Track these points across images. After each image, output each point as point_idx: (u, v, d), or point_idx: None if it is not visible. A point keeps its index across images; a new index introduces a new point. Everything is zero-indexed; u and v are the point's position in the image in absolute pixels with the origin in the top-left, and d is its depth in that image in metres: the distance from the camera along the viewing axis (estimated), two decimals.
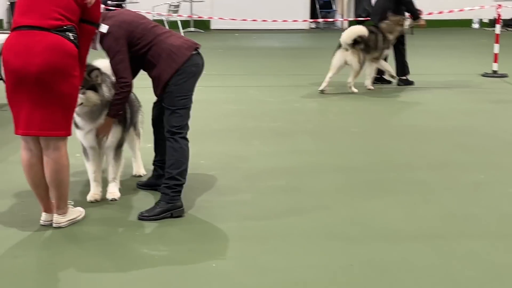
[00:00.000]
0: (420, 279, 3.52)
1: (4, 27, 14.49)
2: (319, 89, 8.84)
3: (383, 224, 4.29)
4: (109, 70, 4.53)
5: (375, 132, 6.81)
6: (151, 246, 3.91)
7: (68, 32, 3.88)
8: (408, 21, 9.29)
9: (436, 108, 8.07)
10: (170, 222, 4.26)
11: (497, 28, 10.34)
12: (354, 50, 8.71)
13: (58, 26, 3.86)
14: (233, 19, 14.13)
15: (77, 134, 4.54)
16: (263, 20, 14.66)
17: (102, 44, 4.34)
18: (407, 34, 9.44)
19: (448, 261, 3.75)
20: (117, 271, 3.62)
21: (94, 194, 4.63)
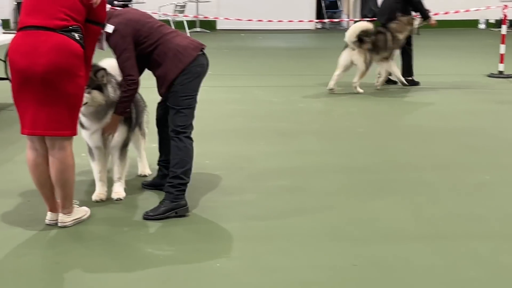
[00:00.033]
0: (424, 280, 3.52)
1: (11, 27, 14.52)
2: (328, 87, 8.84)
3: (388, 224, 4.29)
4: (115, 70, 4.55)
5: (381, 133, 6.81)
6: (156, 245, 3.92)
7: (73, 32, 3.90)
8: (417, 21, 9.28)
9: (442, 109, 8.06)
10: (174, 222, 4.27)
11: (503, 28, 10.31)
12: (360, 49, 8.70)
13: (64, 26, 3.87)
14: (238, 19, 14.14)
15: (82, 134, 4.56)
16: (269, 20, 14.66)
17: (108, 42, 4.35)
18: (414, 34, 9.41)
19: (452, 261, 3.75)
20: (121, 271, 3.63)
21: (100, 193, 4.64)
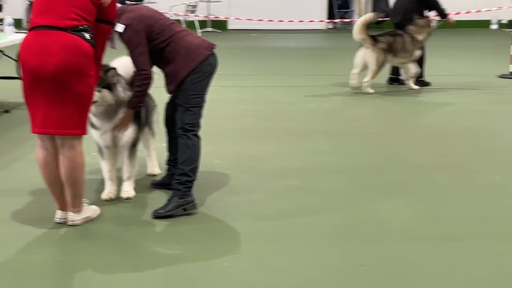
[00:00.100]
0: (432, 280, 3.51)
1: (24, 26, 14.60)
2: (351, 86, 8.82)
3: (395, 224, 4.29)
4: (126, 69, 4.57)
5: (390, 133, 6.80)
6: (164, 244, 3.94)
7: (84, 32, 3.93)
8: (434, 22, 9.22)
9: (452, 109, 8.03)
10: (183, 221, 4.29)
11: None
12: (374, 48, 8.68)
13: (74, 26, 3.90)
14: (249, 19, 14.15)
15: (92, 134, 4.59)
16: (279, 20, 14.67)
17: (121, 37, 4.37)
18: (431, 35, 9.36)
19: (459, 262, 3.74)
20: (130, 269, 3.65)
21: (109, 192, 4.67)
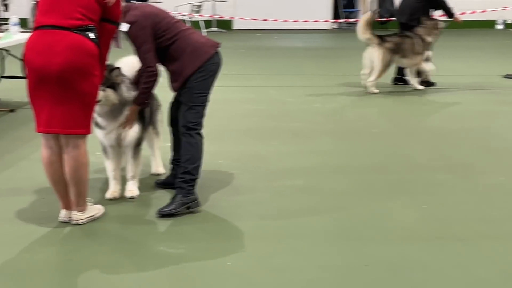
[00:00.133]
0: (435, 280, 3.51)
1: (29, 26, 14.63)
2: (363, 86, 8.86)
3: (400, 224, 4.29)
4: (130, 68, 4.58)
5: (395, 133, 6.79)
6: (168, 243, 3.95)
7: (88, 32, 3.93)
8: (442, 24, 9.20)
9: (457, 110, 8.02)
10: (186, 220, 4.30)
11: None
12: (380, 47, 8.67)
13: (79, 25, 3.91)
14: (254, 19, 14.13)
15: (97, 133, 4.60)
16: (284, 20, 14.64)
17: (128, 34, 4.37)
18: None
19: (464, 262, 3.74)
20: (134, 268, 3.66)
21: (113, 191, 4.68)
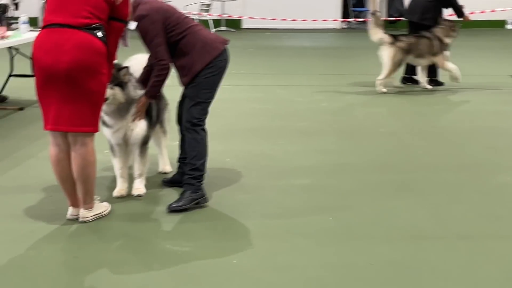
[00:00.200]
0: (442, 279, 3.50)
1: (39, 24, 14.68)
2: (395, 84, 8.94)
3: (406, 223, 4.28)
4: (141, 66, 4.59)
5: (403, 133, 6.77)
6: (174, 241, 3.96)
7: (96, 30, 3.95)
8: (458, 25, 9.16)
9: (465, 109, 8.00)
10: (193, 218, 4.31)
11: None
12: (392, 46, 8.64)
13: (87, 24, 3.93)
14: (263, 18, 14.12)
15: (104, 132, 4.62)
16: (293, 19, 14.61)
17: (138, 28, 4.38)
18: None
19: (470, 261, 3.73)
20: (140, 265, 3.67)
21: (120, 189, 4.70)
